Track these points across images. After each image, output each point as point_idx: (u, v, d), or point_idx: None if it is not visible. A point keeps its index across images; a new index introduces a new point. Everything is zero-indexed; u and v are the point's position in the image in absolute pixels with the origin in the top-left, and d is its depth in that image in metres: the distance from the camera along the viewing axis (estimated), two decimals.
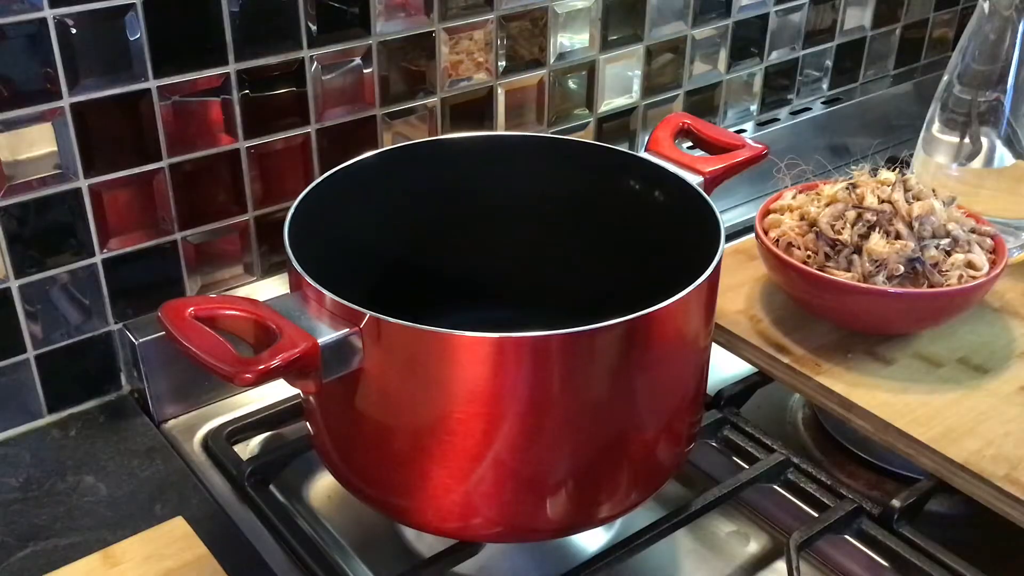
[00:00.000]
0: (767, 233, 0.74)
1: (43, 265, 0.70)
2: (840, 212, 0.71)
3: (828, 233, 0.71)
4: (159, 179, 0.73)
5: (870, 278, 0.68)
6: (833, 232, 0.71)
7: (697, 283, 0.55)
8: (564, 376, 0.54)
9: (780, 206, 0.76)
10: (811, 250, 0.71)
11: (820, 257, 0.71)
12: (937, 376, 0.69)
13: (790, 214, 0.75)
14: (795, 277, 0.71)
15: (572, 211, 0.72)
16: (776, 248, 0.72)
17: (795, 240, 0.72)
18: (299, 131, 0.78)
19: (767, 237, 0.73)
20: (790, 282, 0.73)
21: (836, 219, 0.71)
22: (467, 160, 0.71)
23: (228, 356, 0.51)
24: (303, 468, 0.71)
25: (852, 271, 0.69)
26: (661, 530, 0.64)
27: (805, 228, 0.72)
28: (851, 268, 0.69)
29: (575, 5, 0.89)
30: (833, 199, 0.73)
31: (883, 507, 0.64)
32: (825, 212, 0.72)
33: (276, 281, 0.81)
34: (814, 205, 0.74)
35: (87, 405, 0.76)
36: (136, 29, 0.68)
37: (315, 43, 0.76)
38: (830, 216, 0.71)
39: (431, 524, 0.59)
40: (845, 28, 1.14)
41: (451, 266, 0.73)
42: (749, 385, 0.75)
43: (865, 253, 0.69)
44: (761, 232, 0.74)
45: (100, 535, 0.65)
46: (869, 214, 0.70)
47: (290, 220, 0.59)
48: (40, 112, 0.66)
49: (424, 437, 0.55)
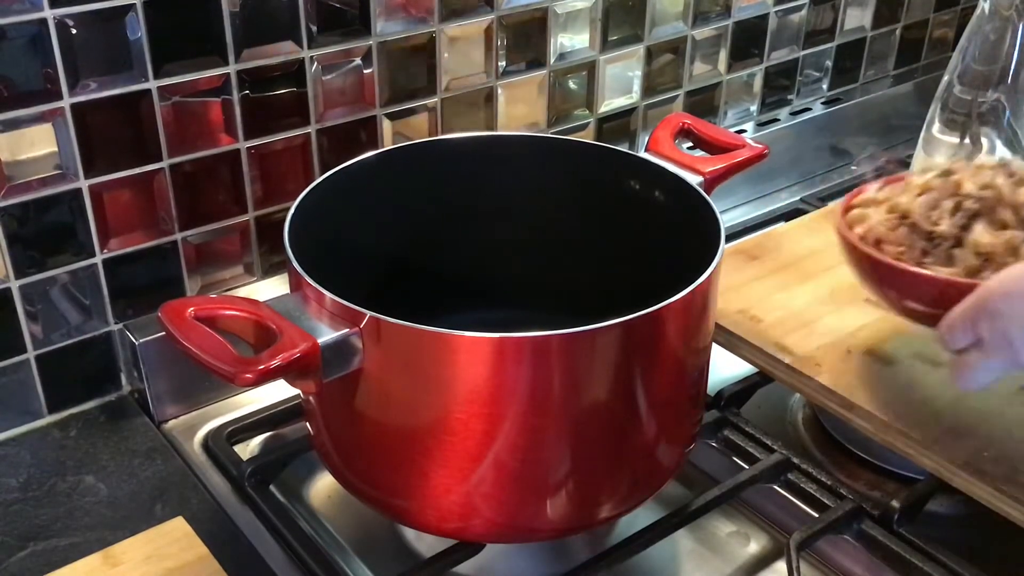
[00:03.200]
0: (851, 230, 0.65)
1: (43, 265, 0.70)
2: (935, 201, 0.63)
3: (924, 225, 0.62)
4: (159, 179, 0.73)
5: (977, 274, 0.59)
6: (929, 223, 0.62)
7: (697, 283, 0.55)
8: (564, 376, 0.54)
9: (864, 200, 0.67)
10: (904, 245, 0.62)
11: (916, 253, 0.62)
12: (937, 376, 0.69)
13: (876, 208, 0.66)
14: (889, 276, 0.63)
15: (572, 211, 0.72)
16: (864, 245, 0.63)
17: (885, 235, 0.63)
18: (299, 131, 0.78)
19: (852, 233, 0.65)
20: (882, 283, 0.64)
21: (931, 209, 0.62)
22: (467, 160, 0.71)
23: (228, 356, 0.51)
24: (303, 468, 0.71)
25: (954, 266, 0.60)
26: (661, 530, 0.64)
27: (896, 221, 0.63)
28: (952, 263, 0.61)
29: (575, 5, 0.89)
30: (926, 188, 0.64)
31: (883, 507, 0.64)
32: (918, 202, 0.63)
33: (276, 281, 0.81)
34: (904, 197, 0.65)
35: (87, 405, 0.76)
36: (136, 29, 0.68)
37: (315, 43, 0.76)
38: (925, 206, 0.63)
39: (431, 524, 0.59)
40: (845, 28, 1.14)
41: (451, 266, 0.73)
42: (749, 385, 0.75)
43: (969, 246, 0.60)
44: (845, 229, 0.65)
45: (100, 535, 0.65)
46: (970, 202, 0.61)
47: (290, 220, 0.59)
48: (40, 112, 0.66)
49: (424, 437, 0.55)
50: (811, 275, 0.80)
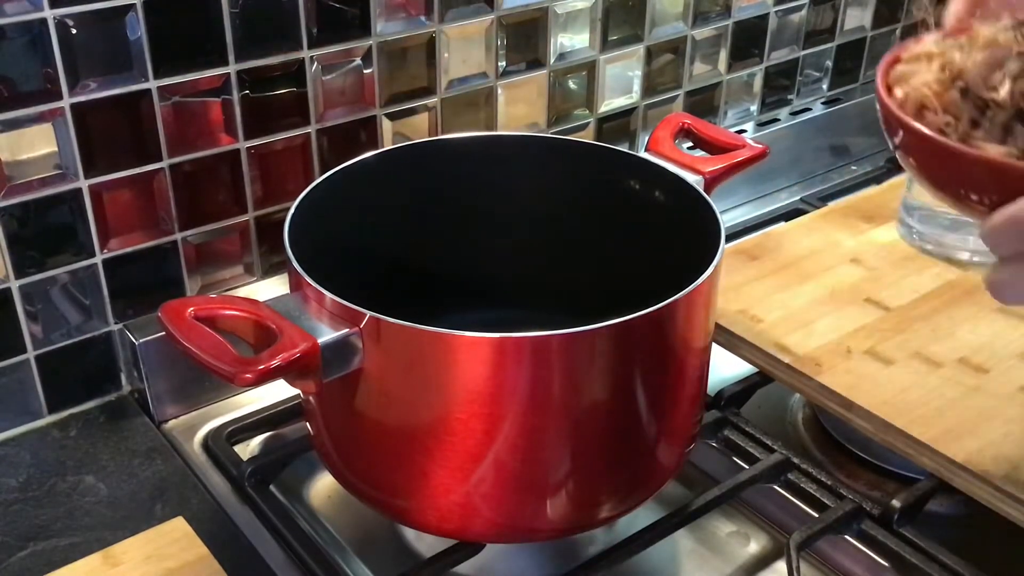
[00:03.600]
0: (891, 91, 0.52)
1: (43, 265, 0.70)
2: (999, 60, 0.49)
3: (979, 90, 0.49)
4: (159, 179, 0.73)
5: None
6: (987, 88, 0.49)
7: (697, 283, 0.55)
8: (564, 376, 0.54)
9: (916, 53, 0.54)
10: (952, 114, 0.50)
11: (964, 124, 0.49)
12: (937, 376, 0.69)
13: (927, 64, 0.52)
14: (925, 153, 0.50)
15: (572, 211, 0.72)
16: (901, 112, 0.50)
17: (929, 100, 0.50)
18: (299, 131, 0.78)
19: (890, 97, 0.52)
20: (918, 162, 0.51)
21: (993, 70, 0.49)
22: (467, 160, 0.71)
23: (228, 356, 0.51)
24: (303, 468, 0.71)
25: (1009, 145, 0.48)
26: (661, 530, 0.64)
27: (947, 83, 0.51)
28: (1008, 140, 0.48)
29: (575, 5, 0.89)
30: (991, 43, 0.50)
31: (883, 507, 0.64)
32: (977, 60, 0.50)
33: (276, 281, 0.81)
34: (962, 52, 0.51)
35: (87, 405, 0.76)
36: (136, 29, 0.68)
37: (315, 43, 0.76)
38: (984, 66, 0.50)
39: (431, 524, 0.59)
40: (845, 28, 1.14)
41: (451, 266, 0.73)
42: (749, 385, 0.75)
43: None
44: (883, 90, 0.52)
45: (100, 535, 0.65)
46: None
47: (290, 220, 0.59)
48: (40, 112, 0.66)
49: (424, 437, 0.55)
50: (811, 275, 0.80)
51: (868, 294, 0.78)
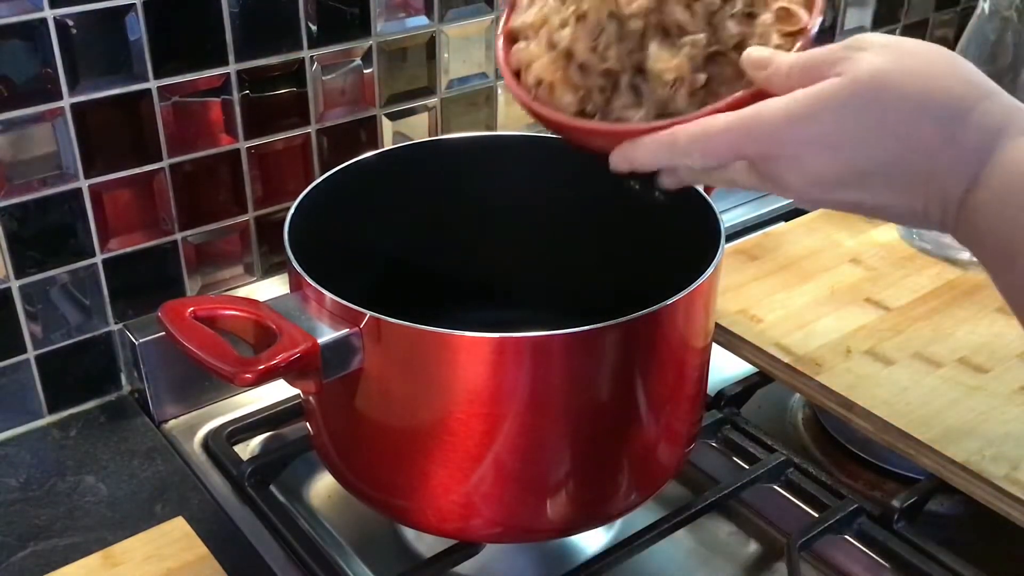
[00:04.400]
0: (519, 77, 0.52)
1: (43, 265, 0.70)
2: (596, 28, 0.49)
3: (594, 65, 0.49)
4: (159, 179, 0.73)
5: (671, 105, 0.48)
6: (599, 60, 0.49)
7: (697, 283, 0.55)
8: (564, 376, 0.54)
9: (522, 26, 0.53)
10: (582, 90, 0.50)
11: (599, 98, 0.50)
12: (937, 376, 0.69)
13: (536, 41, 0.52)
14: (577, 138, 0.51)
15: (572, 211, 0.72)
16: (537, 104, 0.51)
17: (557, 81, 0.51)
18: (299, 131, 0.78)
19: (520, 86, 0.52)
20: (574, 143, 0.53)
21: (595, 39, 0.50)
22: (467, 160, 0.71)
23: (228, 356, 0.51)
24: (303, 468, 0.71)
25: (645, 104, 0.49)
26: (661, 530, 0.64)
27: (563, 61, 0.51)
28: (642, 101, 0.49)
29: None
30: (580, 13, 0.50)
31: (883, 507, 0.64)
32: (577, 36, 0.50)
33: (276, 281, 0.81)
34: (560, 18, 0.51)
35: (87, 405, 0.76)
36: (136, 29, 0.68)
37: (315, 43, 0.76)
38: (587, 38, 0.49)
39: (431, 524, 0.59)
40: (845, 28, 1.14)
41: (451, 266, 0.73)
42: (749, 385, 0.75)
43: (651, 76, 0.48)
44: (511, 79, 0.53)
45: (100, 535, 0.65)
46: (633, 21, 0.48)
47: (290, 220, 0.59)
48: (40, 112, 0.66)
49: (424, 437, 0.55)
50: (811, 275, 0.80)
51: (868, 294, 0.78)
